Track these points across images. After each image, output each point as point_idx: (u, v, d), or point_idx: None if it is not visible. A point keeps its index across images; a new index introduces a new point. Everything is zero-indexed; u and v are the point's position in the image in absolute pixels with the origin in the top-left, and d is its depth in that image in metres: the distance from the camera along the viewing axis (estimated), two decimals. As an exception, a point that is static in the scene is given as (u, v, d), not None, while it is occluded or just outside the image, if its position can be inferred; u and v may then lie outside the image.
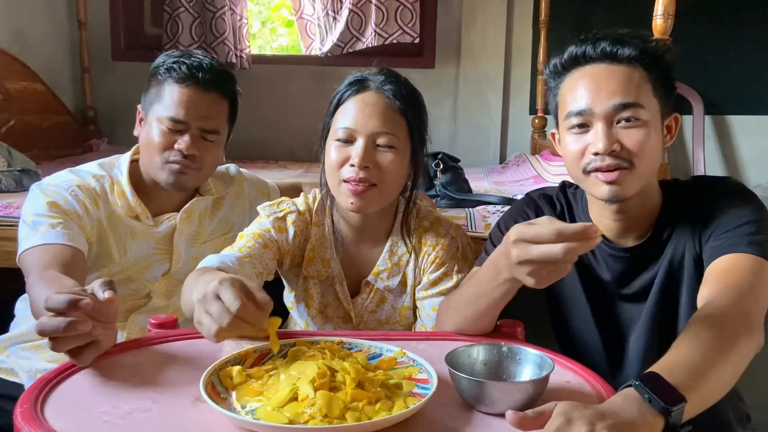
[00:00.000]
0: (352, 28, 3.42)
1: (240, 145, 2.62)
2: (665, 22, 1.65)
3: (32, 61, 2.89)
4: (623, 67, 1.07)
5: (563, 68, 1.12)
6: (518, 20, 3.64)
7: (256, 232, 1.23)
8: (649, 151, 1.06)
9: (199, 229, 1.44)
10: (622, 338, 1.19)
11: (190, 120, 1.32)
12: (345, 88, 1.20)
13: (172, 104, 1.31)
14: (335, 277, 1.28)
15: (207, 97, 1.34)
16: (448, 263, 1.25)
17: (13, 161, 2.17)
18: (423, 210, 1.32)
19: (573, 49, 1.10)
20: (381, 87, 1.18)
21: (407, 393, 0.84)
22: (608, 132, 1.05)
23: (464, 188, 2.24)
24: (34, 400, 0.80)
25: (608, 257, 1.17)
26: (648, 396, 0.74)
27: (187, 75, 1.32)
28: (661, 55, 1.09)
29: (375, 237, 1.28)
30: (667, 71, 1.10)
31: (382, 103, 1.17)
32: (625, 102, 1.05)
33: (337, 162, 1.17)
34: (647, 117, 1.06)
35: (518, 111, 3.72)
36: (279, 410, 0.77)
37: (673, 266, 1.11)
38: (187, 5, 3.35)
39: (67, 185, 1.31)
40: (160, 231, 1.39)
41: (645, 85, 1.07)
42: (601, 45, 1.07)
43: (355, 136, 1.16)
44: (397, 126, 1.17)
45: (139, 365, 0.94)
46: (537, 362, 0.88)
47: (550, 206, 1.24)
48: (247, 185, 1.57)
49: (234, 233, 1.44)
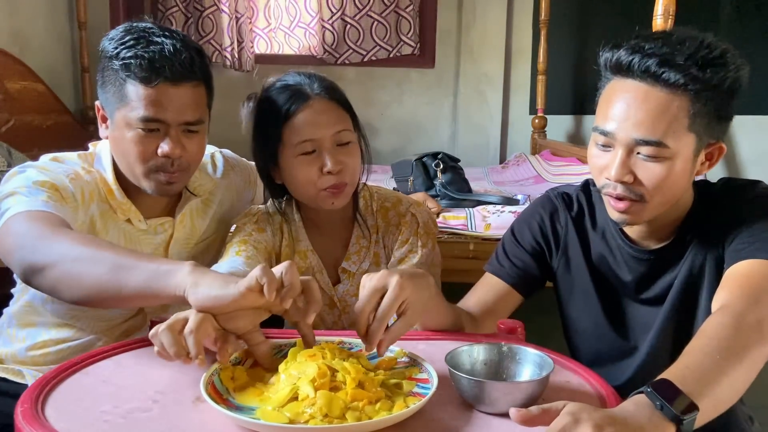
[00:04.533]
0: (349, 41, 3.47)
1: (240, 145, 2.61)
2: (665, 22, 1.66)
3: (32, 61, 2.89)
4: (663, 93, 0.98)
5: (609, 70, 1.05)
6: (518, 20, 3.64)
7: (241, 239, 1.26)
8: (666, 186, 1.01)
9: (192, 231, 1.34)
10: (634, 342, 1.17)
11: (167, 118, 1.13)
12: (286, 103, 1.21)
13: (142, 105, 1.12)
14: (314, 267, 1.32)
15: (182, 90, 1.13)
16: (412, 239, 1.30)
17: (13, 161, 2.18)
18: (383, 191, 1.38)
19: (623, 56, 1.01)
20: (320, 92, 1.22)
21: (407, 393, 0.84)
22: (625, 161, 1.01)
23: (464, 188, 2.24)
24: (34, 399, 0.80)
25: (630, 259, 1.14)
26: (660, 403, 0.73)
27: (151, 72, 1.10)
28: (716, 85, 0.99)
29: (341, 224, 1.33)
30: (722, 102, 1.01)
31: (329, 106, 1.23)
32: (646, 139, 0.98)
33: (308, 175, 1.21)
34: (671, 154, 0.99)
35: (518, 111, 3.72)
36: (279, 410, 0.77)
37: (694, 270, 1.09)
38: (180, 4, 3.39)
39: (65, 171, 1.18)
40: (156, 240, 1.28)
41: (681, 119, 0.98)
42: (647, 62, 0.98)
43: (319, 145, 1.21)
44: (345, 120, 1.25)
45: (140, 365, 0.94)
46: (537, 362, 0.88)
47: (566, 206, 1.22)
48: (234, 174, 1.45)
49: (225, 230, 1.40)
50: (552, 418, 0.70)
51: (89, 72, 3.32)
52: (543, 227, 1.22)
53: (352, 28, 3.50)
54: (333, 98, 1.23)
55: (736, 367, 0.82)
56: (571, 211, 1.21)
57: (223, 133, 1.67)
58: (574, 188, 1.25)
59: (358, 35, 3.51)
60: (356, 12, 3.50)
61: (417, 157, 2.32)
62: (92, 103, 3.25)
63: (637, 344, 1.17)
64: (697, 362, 0.81)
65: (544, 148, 3.27)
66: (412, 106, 3.65)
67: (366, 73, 3.59)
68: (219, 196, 1.39)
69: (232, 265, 1.11)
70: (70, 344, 1.25)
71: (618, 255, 1.16)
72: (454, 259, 1.86)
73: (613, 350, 1.19)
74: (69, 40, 3.39)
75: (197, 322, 0.83)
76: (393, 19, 3.52)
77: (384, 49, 3.52)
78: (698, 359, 0.81)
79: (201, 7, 3.43)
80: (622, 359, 1.19)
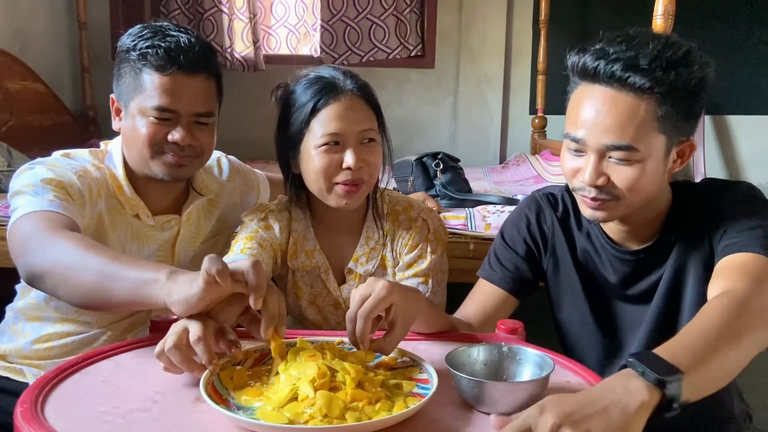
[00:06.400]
0: (348, 42, 3.48)
1: (240, 145, 2.62)
2: (665, 22, 1.65)
3: (32, 61, 2.89)
4: (630, 97, 0.99)
5: (576, 75, 1.05)
6: (518, 20, 3.64)
7: (247, 236, 1.27)
8: (641, 186, 1.02)
9: (198, 231, 1.38)
10: (622, 340, 1.18)
11: (179, 108, 1.18)
12: (316, 95, 1.21)
13: (156, 94, 1.17)
14: (320, 267, 1.32)
15: (194, 81, 1.19)
16: (422, 244, 1.30)
17: (13, 161, 2.18)
18: (394, 195, 1.38)
19: (588, 61, 1.01)
20: (353, 89, 1.23)
21: (407, 393, 0.84)
22: (597, 165, 1.02)
23: (464, 188, 2.24)
24: (34, 399, 0.80)
25: (614, 259, 1.15)
26: (641, 369, 0.72)
27: (167, 61, 1.16)
28: (682, 86, 0.99)
29: (352, 224, 1.33)
30: (689, 101, 1.01)
31: (359, 104, 1.23)
32: (617, 144, 1.00)
33: (327, 167, 1.20)
34: (642, 156, 1.00)
35: (518, 111, 3.72)
36: (279, 410, 0.77)
37: (679, 268, 1.10)
38: (183, 6, 3.39)
39: (73, 168, 1.20)
40: (163, 236, 1.32)
41: (650, 121, 0.99)
42: (612, 67, 0.98)
43: (343, 140, 1.21)
44: (372, 120, 1.25)
45: (140, 365, 0.94)
46: (537, 362, 0.88)
47: (552, 207, 1.23)
48: (238, 178, 1.50)
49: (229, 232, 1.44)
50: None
51: (89, 72, 3.31)
52: (530, 228, 1.23)
53: (351, 30, 3.51)
54: (364, 96, 1.24)
55: (730, 347, 0.81)
56: (557, 211, 1.22)
57: (224, 133, 1.67)
58: (559, 189, 1.26)
59: (358, 37, 3.52)
60: (356, 14, 3.50)
61: (417, 157, 2.31)
62: (92, 103, 3.31)
63: (625, 343, 1.18)
64: (690, 341, 0.81)
65: (544, 148, 3.26)
66: (412, 106, 3.65)
67: (366, 73, 3.54)
68: (224, 198, 1.44)
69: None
70: (75, 338, 1.27)
71: (603, 255, 1.17)
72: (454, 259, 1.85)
73: (602, 349, 1.20)
74: (69, 40, 3.39)
75: (200, 329, 0.84)
76: (392, 22, 3.52)
77: (383, 51, 3.53)
78: (692, 339, 0.81)
79: (202, 9, 3.43)
80: (610, 358, 1.19)
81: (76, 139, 3.07)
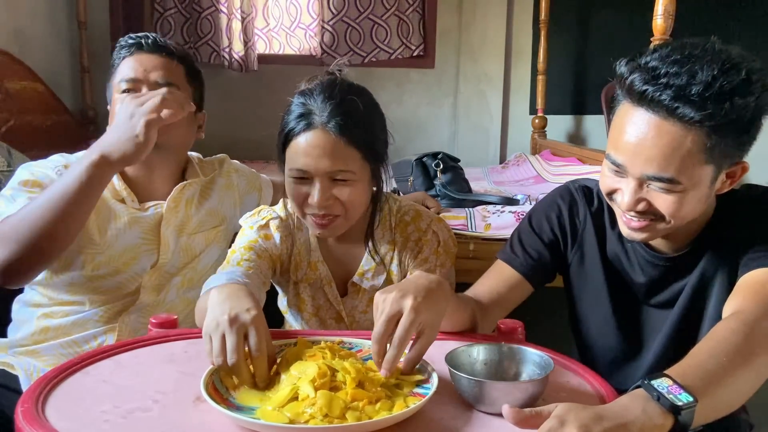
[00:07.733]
0: (349, 42, 3.49)
1: (240, 145, 2.62)
2: (665, 22, 1.66)
3: (32, 61, 2.88)
4: (677, 127, 0.91)
5: (622, 90, 0.97)
6: (518, 20, 3.64)
7: (246, 245, 1.22)
8: (683, 213, 0.98)
9: (185, 218, 1.39)
10: (641, 344, 1.17)
11: (139, 75, 1.33)
12: (293, 121, 1.15)
13: (123, 70, 1.33)
14: (323, 279, 1.29)
15: (155, 57, 1.34)
16: (431, 258, 1.26)
17: (12, 161, 2.17)
18: (403, 204, 1.32)
19: (636, 83, 0.93)
20: (326, 124, 1.12)
21: (407, 393, 0.84)
22: (636, 191, 0.98)
23: (464, 188, 2.24)
24: (35, 399, 0.80)
25: (645, 263, 1.13)
26: (656, 394, 0.72)
27: (131, 44, 1.35)
28: (736, 119, 0.90)
29: (356, 237, 1.28)
30: (743, 130, 0.94)
31: (330, 142, 1.12)
32: (658, 176, 0.94)
33: (296, 197, 1.17)
34: (685, 187, 0.95)
35: (518, 111, 3.72)
36: (279, 410, 0.78)
37: (706, 276, 1.08)
38: (179, 5, 3.39)
39: (54, 165, 1.30)
40: (146, 217, 1.34)
41: (696, 154, 0.92)
42: (661, 96, 0.91)
43: (311, 176, 1.14)
44: (349, 160, 1.14)
45: (140, 365, 0.94)
46: (537, 362, 0.88)
47: (587, 201, 1.20)
48: (237, 177, 1.52)
49: (225, 227, 1.46)
50: (542, 421, 0.69)
51: (89, 72, 3.31)
52: (561, 219, 1.20)
53: (353, 30, 3.51)
54: (342, 134, 1.12)
55: (743, 370, 0.81)
56: (591, 207, 1.19)
57: (224, 133, 1.68)
58: (594, 183, 1.20)
59: (359, 37, 3.52)
60: (357, 15, 3.50)
61: (417, 157, 2.31)
62: (92, 103, 3.31)
63: (644, 347, 1.16)
64: (702, 362, 0.80)
65: (544, 148, 3.27)
66: (412, 106, 3.65)
67: (366, 73, 3.58)
68: (216, 192, 1.47)
69: (230, 276, 1.07)
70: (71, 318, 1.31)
71: (633, 257, 1.14)
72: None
73: (620, 351, 1.19)
74: (69, 40, 3.39)
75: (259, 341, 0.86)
76: (394, 22, 3.53)
77: (384, 51, 3.53)
78: (703, 360, 0.81)
79: (199, 8, 3.43)
80: (629, 361, 1.18)
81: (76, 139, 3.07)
